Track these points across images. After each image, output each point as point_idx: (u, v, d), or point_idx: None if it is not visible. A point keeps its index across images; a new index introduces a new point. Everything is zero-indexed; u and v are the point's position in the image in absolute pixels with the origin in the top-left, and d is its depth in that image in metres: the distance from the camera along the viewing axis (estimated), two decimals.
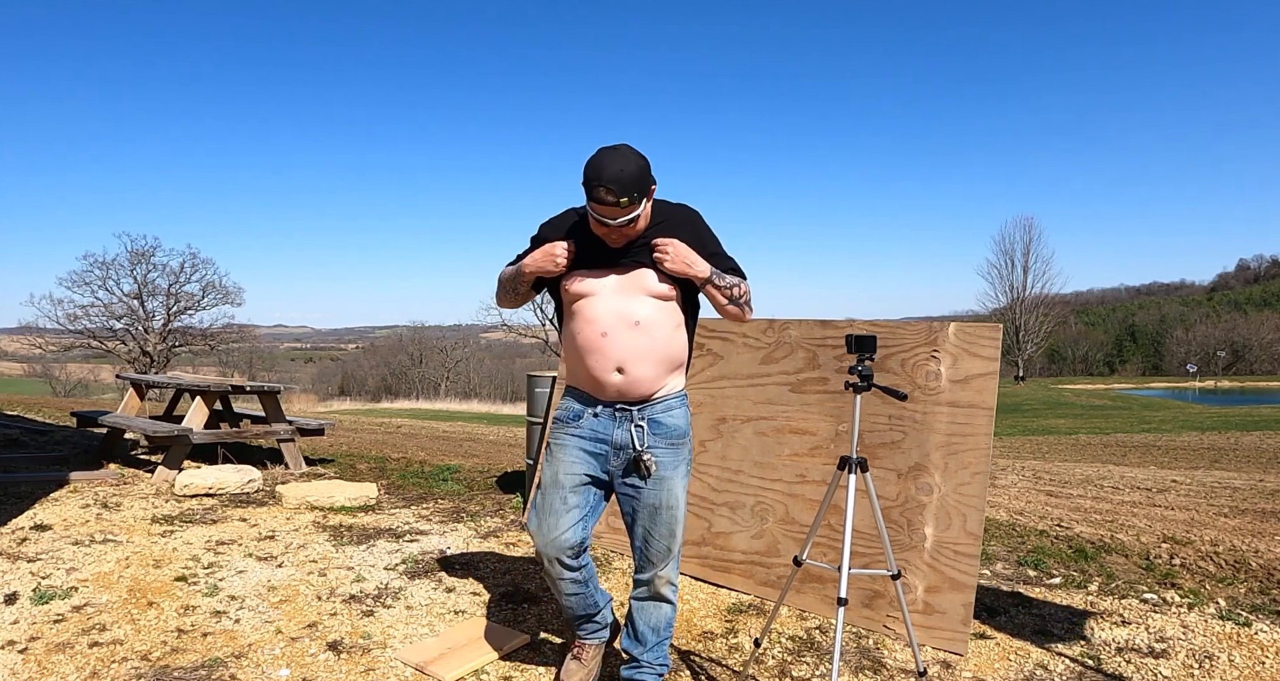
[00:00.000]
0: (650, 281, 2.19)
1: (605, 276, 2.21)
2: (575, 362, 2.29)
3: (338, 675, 2.62)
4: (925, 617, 2.96)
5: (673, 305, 2.25)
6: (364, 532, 4.47)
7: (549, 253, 2.21)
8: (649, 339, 2.19)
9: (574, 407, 2.32)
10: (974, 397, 2.95)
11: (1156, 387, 61.81)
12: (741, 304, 2.27)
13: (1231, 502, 5.86)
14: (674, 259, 2.14)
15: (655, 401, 2.27)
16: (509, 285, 2.35)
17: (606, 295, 2.20)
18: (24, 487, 5.23)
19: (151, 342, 33.07)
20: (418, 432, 11.80)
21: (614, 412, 2.27)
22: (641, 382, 2.22)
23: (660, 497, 2.29)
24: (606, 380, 2.22)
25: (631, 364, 2.19)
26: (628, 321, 2.18)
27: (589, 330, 2.20)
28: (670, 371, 2.28)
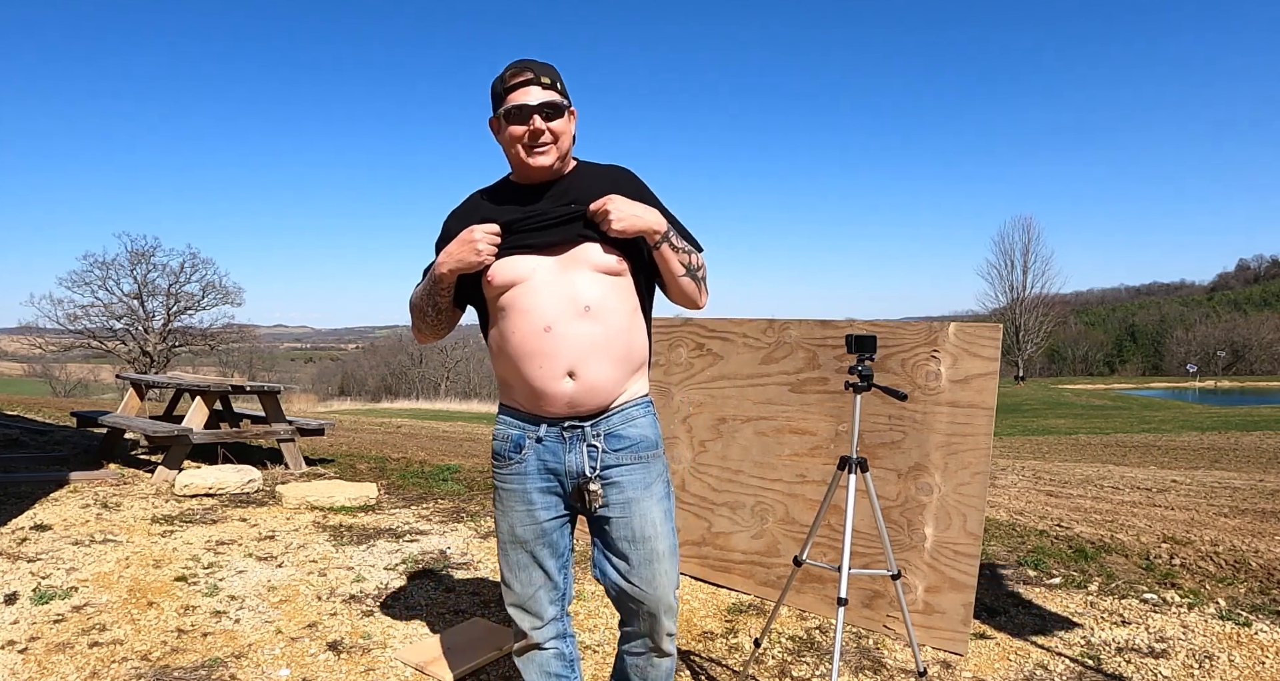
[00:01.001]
0: (595, 253, 1.76)
1: (538, 255, 1.76)
2: (510, 373, 1.80)
3: (338, 675, 2.62)
4: (925, 617, 2.96)
5: (627, 282, 1.82)
6: (364, 532, 4.47)
7: (466, 239, 1.73)
8: (604, 328, 1.74)
9: (512, 435, 1.83)
10: (974, 397, 2.95)
11: (1156, 387, 61.81)
12: (699, 278, 1.85)
13: (1231, 502, 5.86)
14: (620, 213, 1.71)
15: (613, 412, 1.80)
16: (425, 304, 1.84)
17: (544, 277, 1.74)
18: (24, 487, 5.23)
19: (151, 343, 33.06)
20: (418, 432, 11.80)
21: (562, 433, 1.79)
22: (599, 388, 1.76)
23: (633, 527, 1.78)
24: (554, 390, 1.74)
25: (586, 364, 1.73)
26: (575, 308, 1.73)
27: (526, 325, 1.74)
28: (632, 371, 1.83)
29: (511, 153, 1.78)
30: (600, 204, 1.72)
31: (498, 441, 1.87)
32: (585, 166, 1.88)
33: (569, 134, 1.79)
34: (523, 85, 1.72)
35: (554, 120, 1.73)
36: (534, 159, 1.75)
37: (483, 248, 1.72)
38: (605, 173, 1.87)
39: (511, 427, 1.84)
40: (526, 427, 1.82)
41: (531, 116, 1.71)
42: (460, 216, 1.86)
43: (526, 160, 1.75)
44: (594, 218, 1.74)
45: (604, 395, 1.77)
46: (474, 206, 1.87)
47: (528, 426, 1.82)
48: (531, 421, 1.81)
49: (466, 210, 1.87)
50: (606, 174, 1.87)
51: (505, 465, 1.85)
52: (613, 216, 1.70)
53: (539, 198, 1.79)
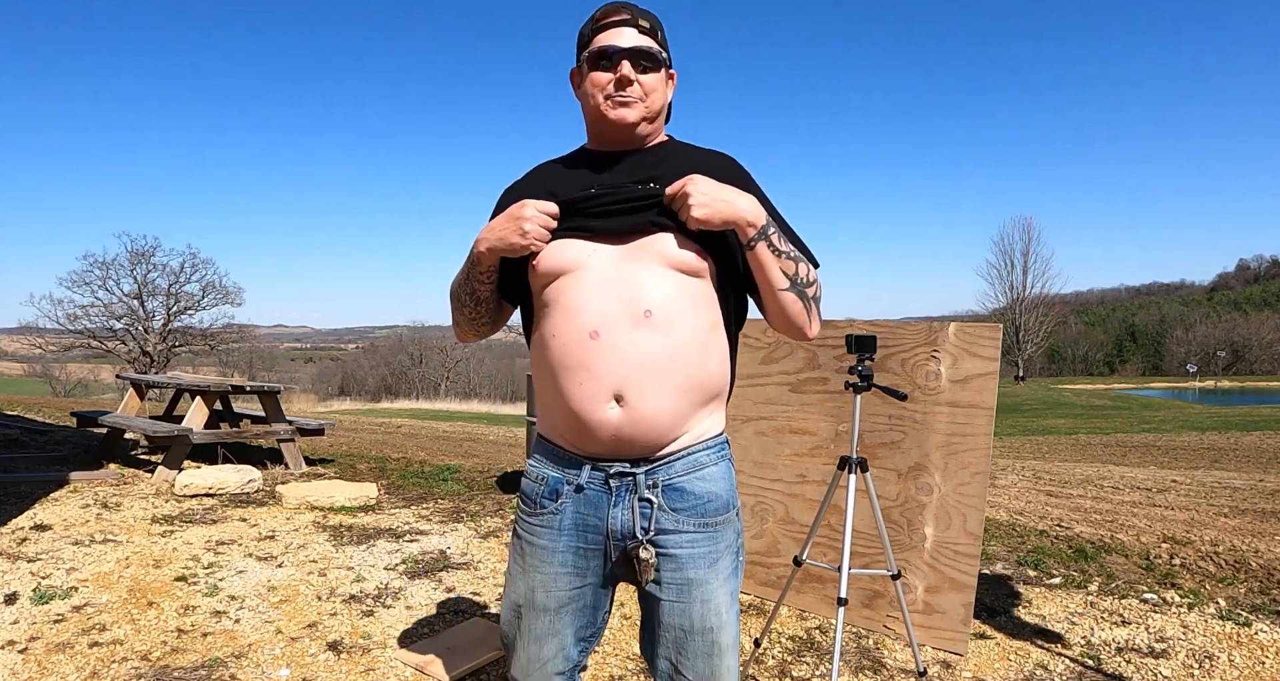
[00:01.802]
0: (669, 245, 1.37)
1: (597, 240, 1.39)
2: (547, 391, 1.42)
3: (338, 675, 2.62)
4: (925, 617, 2.96)
5: (706, 288, 1.41)
6: (364, 532, 4.47)
7: (514, 214, 1.38)
8: (668, 342, 1.34)
9: (547, 477, 1.45)
10: (974, 397, 2.95)
11: (1156, 388, 61.82)
12: (809, 298, 1.42)
13: (1231, 502, 5.86)
14: (702, 197, 1.33)
15: (676, 456, 1.39)
16: (462, 291, 1.51)
17: (599, 268, 1.37)
18: (24, 487, 5.23)
19: (151, 342, 33.06)
20: (418, 432, 11.80)
21: (607, 480, 1.39)
22: (654, 421, 1.35)
23: (691, 615, 1.39)
24: (595, 416, 1.34)
25: (638, 386, 1.33)
26: (633, 311, 1.33)
27: (569, 329, 1.36)
28: (702, 403, 1.41)
29: (590, 107, 1.44)
30: (679, 184, 1.35)
31: (530, 482, 1.49)
32: (678, 145, 1.53)
33: (662, 95, 1.46)
34: (615, 26, 1.42)
35: (647, 73, 1.42)
36: (615, 111, 1.41)
37: (529, 228, 1.36)
38: (701, 155, 1.50)
39: (546, 466, 1.46)
40: (566, 470, 1.43)
41: (621, 61, 1.39)
42: (516, 189, 1.54)
43: (606, 113, 1.42)
44: (672, 202, 1.36)
45: (660, 431, 1.36)
46: (535, 177, 1.54)
47: (567, 469, 1.43)
48: (572, 463, 1.42)
49: (526, 181, 1.55)
50: (702, 156, 1.50)
51: (535, 514, 1.47)
52: (693, 199, 1.32)
53: (612, 168, 1.45)
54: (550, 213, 1.38)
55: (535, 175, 1.55)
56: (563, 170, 1.51)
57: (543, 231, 1.37)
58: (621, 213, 1.38)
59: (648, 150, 1.49)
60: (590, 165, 1.48)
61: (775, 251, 1.38)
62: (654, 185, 1.39)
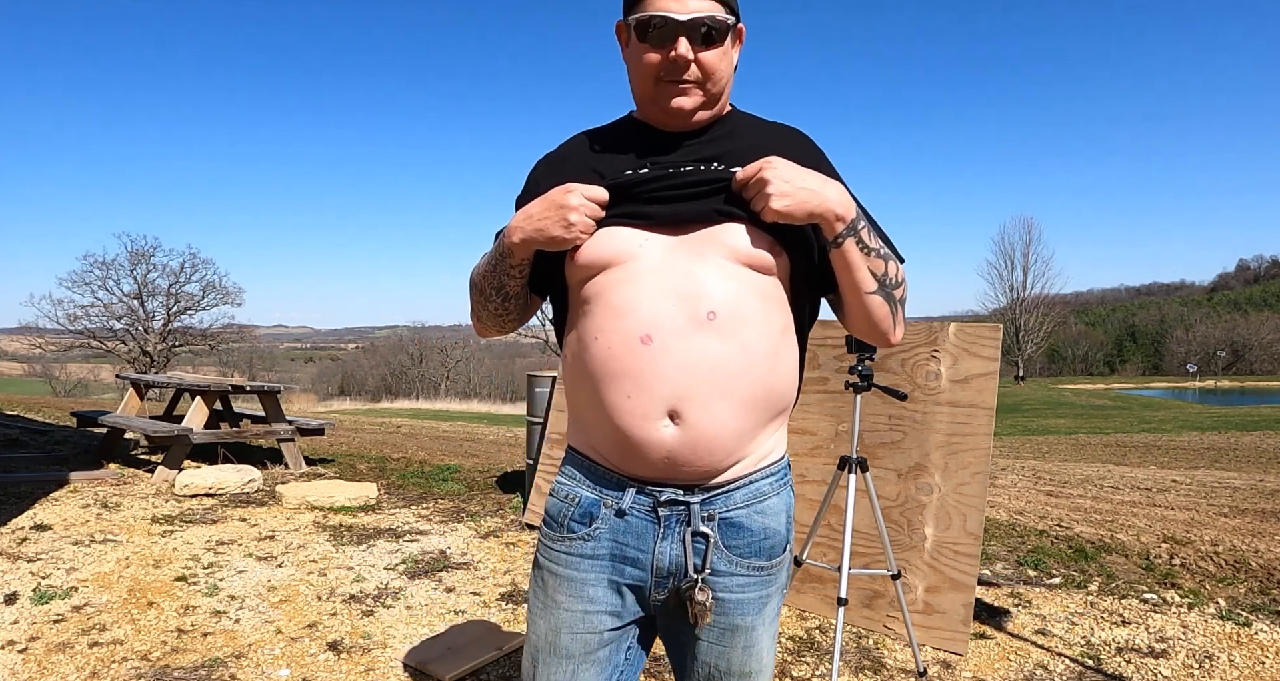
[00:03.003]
0: (737, 237, 1.16)
1: (648, 229, 1.18)
2: (586, 402, 1.21)
3: (338, 675, 2.62)
4: (925, 617, 2.96)
5: (777, 287, 1.20)
6: (364, 532, 4.47)
7: (556, 201, 1.15)
8: (735, 349, 1.14)
9: (580, 497, 1.23)
10: (974, 397, 2.95)
11: (1156, 388, 61.83)
12: (896, 299, 1.22)
13: (1231, 502, 5.86)
14: (784, 185, 1.11)
15: (736, 485, 1.19)
16: (486, 284, 1.27)
17: (654, 260, 1.16)
18: (24, 487, 5.23)
19: (151, 343, 33.06)
20: (418, 432, 11.80)
21: (655, 508, 1.18)
22: (716, 441, 1.15)
23: (730, 659, 1.24)
24: (645, 435, 1.14)
25: (699, 401, 1.13)
26: (693, 312, 1.13)
27: (616, 330, 1.15)
28: (769, 419, 1.21)
29: (639, 86, 1.22)
30: (755, 169, 1.13)
31: (558, 501, 1.25)
32: (741, 116, 1.30)
33: (728, 68, 1.22)
34: None
35: (711, 47, 1.16)
36: (672, 100, 1.19)
37: (575, 219, 1.14)
38: (773, 130, 1.29)
39: (582, 487, 1.23)
40: (605, 492, 1.21)
41: (677, 38, 1.14)
42: (554, 164, 1.29)
43: (659, 101, 1.20)
44: (743, 189, 1.15)
45: (722, 454, 1.15)
46: (577, 152, 1.29)
47: (606, 491, 1.21)
48: (612, 484, 1.20)
49: (565, 155, 1.30)
50: (771, 132, 1.28)
51: (562, 539, 1.23)
52: (773, 188, 1.10)
53: (670, 149, 1.24)
54: (599, 200, 1.17)
55: (576, 149, 1.30)
56: (609, 145, 1.28)
57: (590, 223, 1.16)
58: (682, 198, 1.17)
59: (710, 127, 1.26)
60: (641, 141, 1.26)
61: (864, 249, 1.17)
62: (719, 166, 1.19)
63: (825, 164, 1.28)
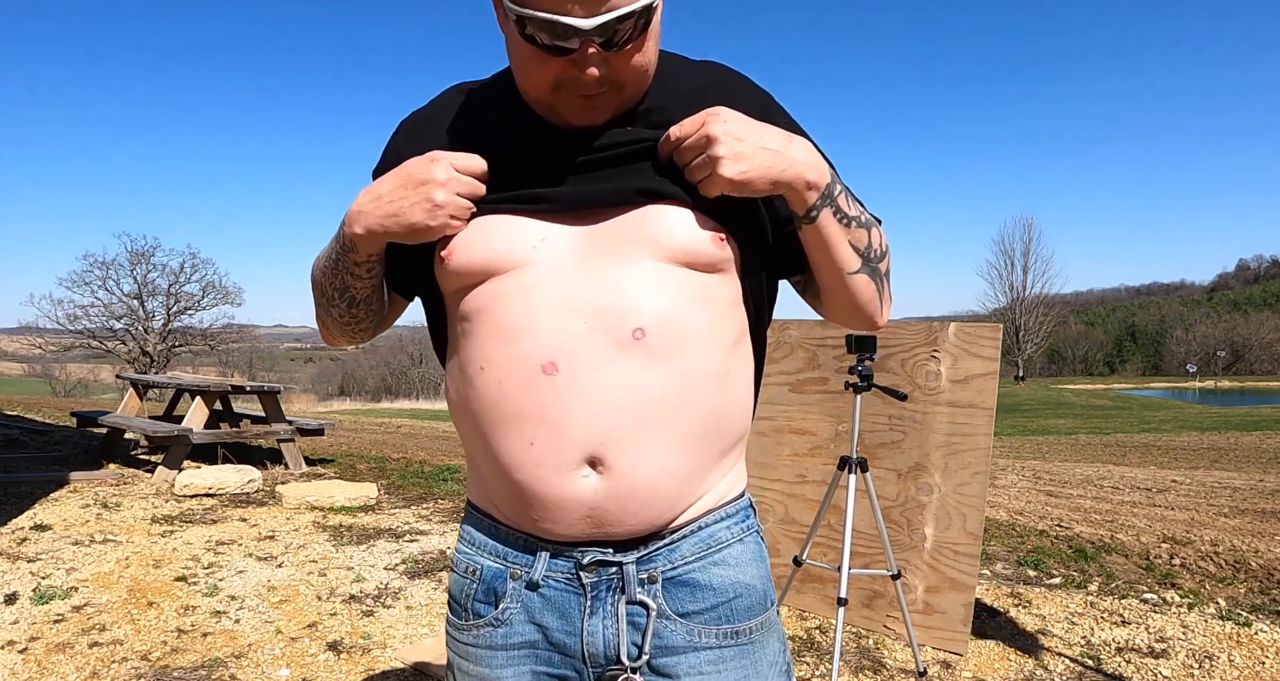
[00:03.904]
0: (670, 224, 0.87)
1: (550, 218, 0.88)
2: (477, 450, 0.93)
3: (338, 675, 2.62)
4: (925, 617, 2.96)
5: (725, 283, 0.91)
6: (364, 532, 4.47)
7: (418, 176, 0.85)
8: (672, 376, 0.86)
9: (480, 568, 0.94)
10: (974, 397, 2.95)
11: (1156, 388, 61.88)
12: (881, 274, 0.95)
13: (1231, 502, 5.86)
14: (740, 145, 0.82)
15: (682, 534, 0.91)
16: (327, 283, 0.97)
17: (551, 263, 0.87)
18: (24, 487, 5.23)
19: (151, 343, 33.07)
20: (418, 432, 11.80)
21: (578, 574, 0.90)
22: (655, 492, 0.87)
23: None
24: (557, 493, 0.86)
25: (625, 444, 0.85)
26: (614, 329, 0.85)
27: (508, 361, 0.87)
28: (724, 452, 0.93)
29: (528, 87, 0.86)
30: (695, 123, 0.83)
31: (458, 576, 0.96)
32: (669, 60, 0.94)
33: (653, 49, 0.87)
34: None
35: (628, 43, 0.81)
36: (579, 116, 0.86)
37: (442, 200, 0.84)
38: (707, 73, 0.95)
39: (484, 554, 0.94)
40: (510, 557, 0.92)
41: (584, 48, 0.79)
42: (421, 128, 0.96)
43: (559, 110, 0.86)
44: (677, 153, 0.85)
45: (662, 504, 0.87)
46: (448, 112, 0.96)
47: (512, 555, 0.92)
48: (520, 547, 0.92)
49: (433, 117, 0.96)
50: (709, 75, 0.95)
51: (468, 627, 0.95)
52: (722, 148, 0.81)
53: None
54: (476, 172, 0.86)
55: (447, 108, 0.96)
56: (491, 110, 0.93)
57: (463, 205, 0.85)
58: (590, 170, 0.87)
59: None
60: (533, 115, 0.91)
61: (844, 220, 0.89)
62: (632, 130, 0.88)
63: (778, 112, 0.96)
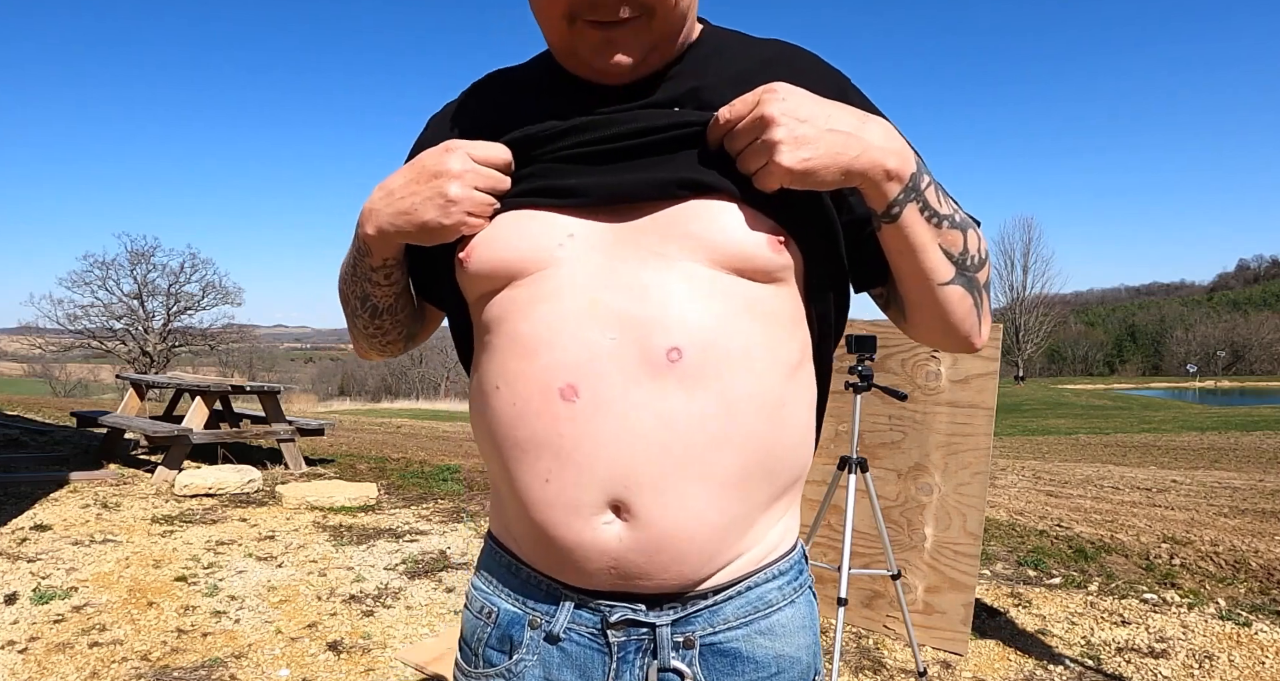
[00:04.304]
0: (717, 222, 0.73)
1: (578, 213, 0.76)
2: (496, 476, 0.82)
3: (338, 675, 2.62)
4: (925, 617, 2.96)
5: (783, 296, 0.77)
6: (364, 532, 4.47)
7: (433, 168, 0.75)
8: (714, 406, 0.72)
9: (497, 610, 0.83)
10: (974, 397, 2.95)
11: (1156, 388, 61.88)
12: (979, 288, 0.83)
13: (1231, 502, 5.86)
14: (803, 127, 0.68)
15: (726, 594, 0.78)
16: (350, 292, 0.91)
17: (578, 266, 0.75)
18: (24, 487, 5.23)
19: (151, 343, 33.06)
20: (418, 432, 11.80)
21: (604, 631, 0.77)
22: (689, 545, 0.74)
23: None
24: (577, 539, 0.74)
25: (655, 488, 0.71)
26: (645, 348, 0.71)
27: (527, 378, 0.74)
28: (775, 497, 0.79)
29: (546, 27, 0.78)
30: (749, 102, 0.70)
31: (472, 615, 0.85)
32: (724, 37, 0.85)
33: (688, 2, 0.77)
34: None
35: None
36: (601, 57, 0.75)
37: (457, 194, 0.74)
38: (767, 50, 0.83)
39: (501, 595, 0.83)
40: (530, 603, 0.81)
41: None
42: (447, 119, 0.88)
43: (580, 53, 0.77)
44: (729, 138, 0.72)
45: (697, 559, 0.74)
46: (479, 98, 0.88)
47: (532, 603, 0.81)
48: (541, 594, 0.80)
49: (463, 106, 0.88)
50: (769, 52, 0.83)
51: (476, 674, 0.84)
52: (781, 132, 0.67)
53: (612, 98, 0.79)
54: (498, 163, 0.76)
55: (477, 95, 0.88)
56: (522, 91, 0.85)
57: (482, 201, 0.75)
58: (625, 159, 0.75)
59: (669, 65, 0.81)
60: (569, 92, 0.81)
61: (934, 218, 0.74)
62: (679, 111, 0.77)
63: (854, 95, 0.83)
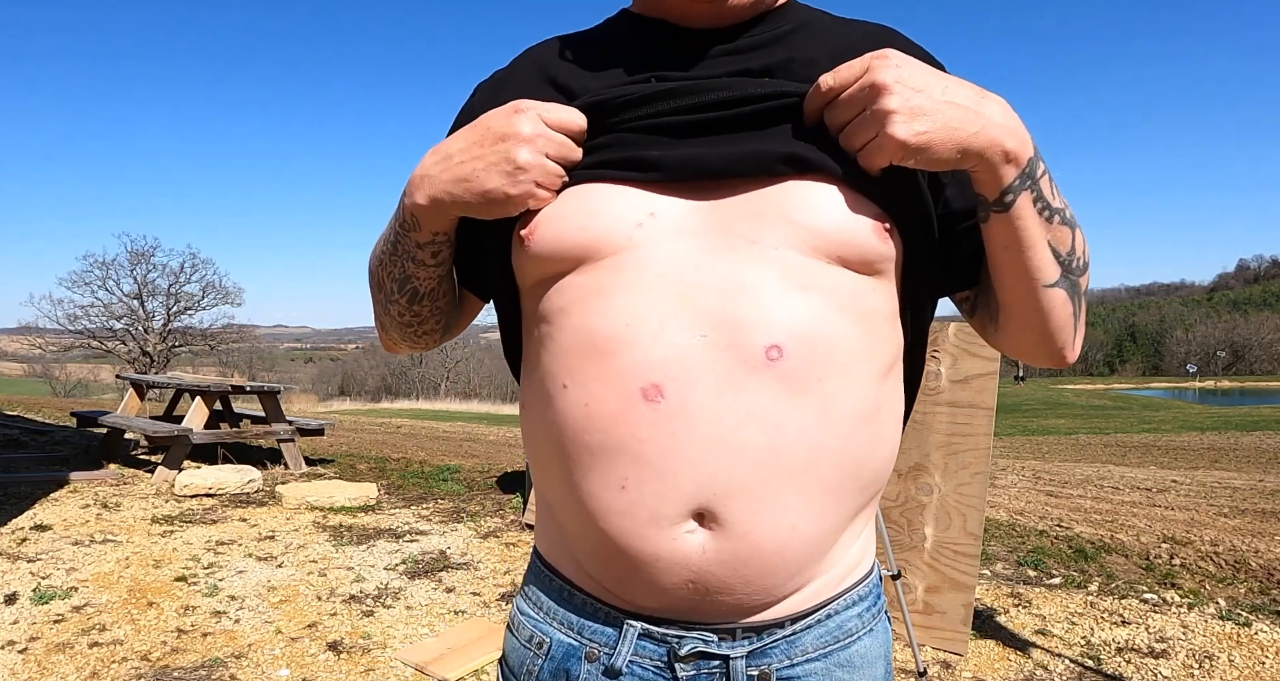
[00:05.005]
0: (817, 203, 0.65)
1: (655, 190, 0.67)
2: (554, 488, 0.73)
3: (338, 675, 2.62)
4: (925, 617, 2.96)
5: (882, 290, 0.69)
6: (364, 533, 4.47)
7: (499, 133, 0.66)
8: (815, 412, 0.65)
9: (549, 640, 0.75)
10: (974, 397, 2.95)
11: (1156, 388, 61.89)
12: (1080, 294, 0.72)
13: (1231, 502, 5.86)
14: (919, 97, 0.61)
15: (806, 622, 0.71)
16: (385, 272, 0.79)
17: (659, 251, 0.66)
18: (24, 487, 5.23)
19: (151, 343, 33.06)
20: (418, 432, 11.79)
21: (670, 663, 0.70)
22: (779, 558, 0.66)
23: None
24: (656, 550, 0.66)
25: (747, 496, 0.64)
26: (740, 347, 0.64)
27: (603, 378, 0.66)
28: (859, 509, 0.72)
29: None
30: (858, 68, 0.63)
31: (518, 643, 0.78)
32: (813, 13, 0.78)
33: None
34: None
35: None
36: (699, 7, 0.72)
37: (528, 161, 0.65)
38: (857, 27, 0.77)
39: (554, 623, 0.76)
40: (587, 631, 0.73)
41: None
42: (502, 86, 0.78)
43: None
44: (828, 111, 0.66)
45: (785, 573, 0.68)
46: (538, 63, 0.78)
47: (590, 629, 0.73)
48: (600, 619, 0.73)
49: (519, 71, 0.79)
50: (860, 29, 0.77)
51: None
52: (895, 101, 0.61)
53: (691, 58, 0.73)
54: (572, 130, 0.68)
55: (537, 60, 0.79)
56: (591, 54, 0.76)
57: (553, 171, 0.67)
58: (716, 132, 0.67)
59: (756, 23, 0.75)
60: (641, 47, 0.75)
61: (1046, 212, 0.67)
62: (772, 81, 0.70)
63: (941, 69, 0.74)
